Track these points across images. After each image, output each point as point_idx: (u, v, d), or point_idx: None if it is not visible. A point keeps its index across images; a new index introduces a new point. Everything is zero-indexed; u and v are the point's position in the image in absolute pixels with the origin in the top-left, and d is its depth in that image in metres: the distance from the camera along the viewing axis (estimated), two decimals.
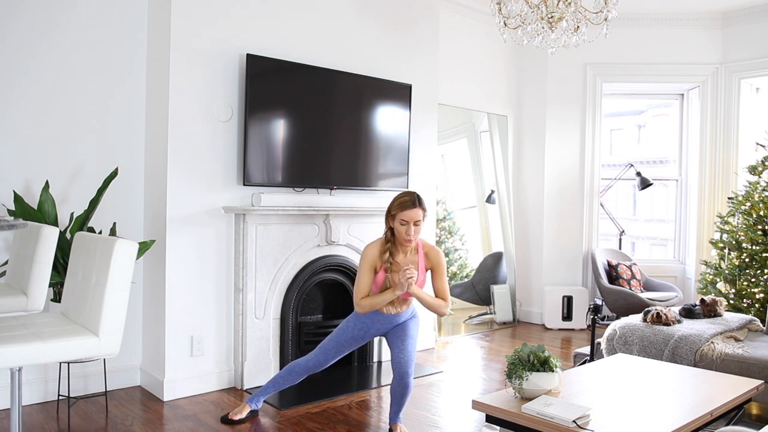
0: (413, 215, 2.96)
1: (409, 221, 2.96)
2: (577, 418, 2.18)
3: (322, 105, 4.18)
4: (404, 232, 2.97)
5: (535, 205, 6.19)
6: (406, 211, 2.96)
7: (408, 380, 3.03)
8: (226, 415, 3.31)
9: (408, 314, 3.20)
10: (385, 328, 3.17)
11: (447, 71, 5.44)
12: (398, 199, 3.03)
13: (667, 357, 3.54)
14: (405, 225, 2.97)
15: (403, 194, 3.05)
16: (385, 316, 3.12)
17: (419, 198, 3.02)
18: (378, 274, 3.05)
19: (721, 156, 5.87)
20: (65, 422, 3.23)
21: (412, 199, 2.99)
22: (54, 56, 3.55)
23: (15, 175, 3.44)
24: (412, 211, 2.95)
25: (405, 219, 2.96)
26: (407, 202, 2.97)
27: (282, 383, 3.29)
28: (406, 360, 3.03)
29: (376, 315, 3.12)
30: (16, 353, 2.01)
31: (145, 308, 3.88)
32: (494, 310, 5.97)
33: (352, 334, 3.17)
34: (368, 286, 3.05)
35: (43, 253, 2.61)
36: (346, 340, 3.18)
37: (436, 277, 3.14)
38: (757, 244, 4.90)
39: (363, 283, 3.05)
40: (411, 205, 2.96)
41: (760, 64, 5.63)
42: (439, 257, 3.13)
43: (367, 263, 3.04)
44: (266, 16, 3.98)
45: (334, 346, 3.19)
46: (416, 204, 2.97)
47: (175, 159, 3.63)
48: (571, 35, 3.51)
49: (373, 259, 3.04)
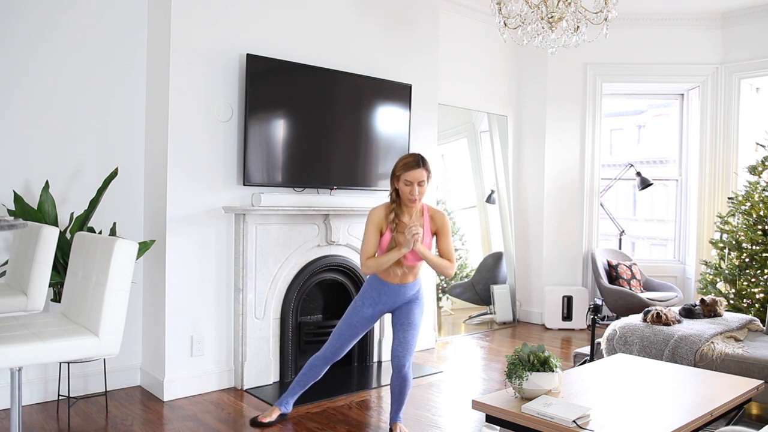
0: (417, 176, 2.96)
1: (413, 182, 2.97)
2: (577, 418, 2.18)
3: (322, 105, 4.18)
4: (408, 192, 2.98)
5: (535, 205, 6.19)
6: (410, 172, 2.96)
7: (405, 372, 3.04)
8: (255, 417, 3.30)
9: (415, 289, 3.15)
10: (393, 303, 3.12)
11: (447, 71, 5.44)
12: (402, 160, 3.04)
13: (667, 357, 3.54)
14: (409, 186, 2.98)
15: (407, 155, 3.07)
16: (392, 286, 3.09)
17: (423, 159, 3.03)
18: (384, 236, 3.04)
19: (721, 156, 5.87)
20: (65, 422, 3.23)
21: (416, 159, 3.00)
22: (54, 56, 3.55)
23: (15, 175, 3.44)
24: (416, 172, 2.96)
25: (409, 179, 2.97)
26: (411, 163, 2.98)
27: (306, 380, 3.27)
28: (404, 352, 3.04)
29: (383, 287, 3.09)
30: (16, 353, 2.01)
31: (145, 308, 3.88)
32: (494, 310, 5.97)
33: (362, 312, 3.13)
34: (374, 246, 3.04)
35: (43, 253, 2.61)
36: (358, 320, 3.14)
37: (442, 239, 3.14)
38: (757, 244, 4.90)
39: (369, 243, 3.04)
40: (415, 165, 2.97)
41: (760, 64, 5.63)
42: (444, 220, 3.15)
43: (373, 224, 3.05)
44: (266, 16, 3.98)
45: (347, 329, 3.16)
46: (420, 165, 2.99)
47: (175, 159, 3.63)
48: (571, 35, 3.51)
49: (378, 221, 3.05)
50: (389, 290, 3.10)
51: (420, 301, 3.19)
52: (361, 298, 3.16)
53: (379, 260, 3.01)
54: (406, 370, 3.05)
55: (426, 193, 3.06)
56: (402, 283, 3.10)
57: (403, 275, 3.09)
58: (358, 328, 3.16)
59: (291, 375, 4.02)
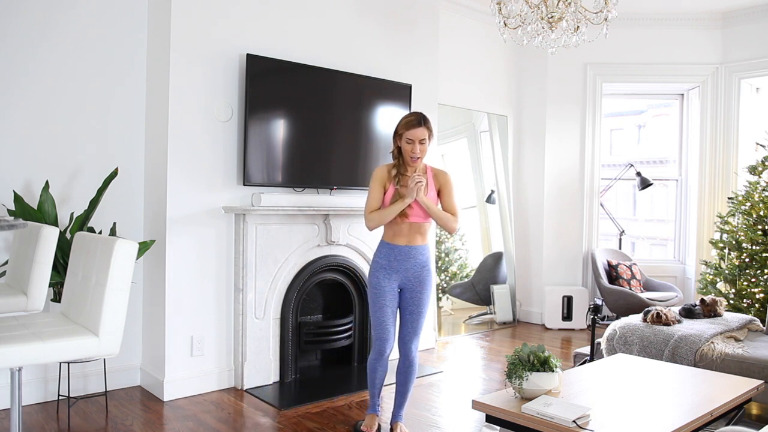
0: (419, 134, 3.01)
1: (415, 140, 3.01)
2: (577, 418, 2.18)
3: (322, 105, 4.18)
4: (410, 150, 3.02)
5: (535, 205, 6.19)
6: (411, 130, 3.01)
7: (412, 357, 3.11)
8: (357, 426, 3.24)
9: (424, 255, 3.11)
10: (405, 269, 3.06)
11: (447, 71, 5.44)
12: (405, 119, 3.08)
13: (667, 357, 3.54)
14: (411, 143, 3.02)
15: (409, 114, 3.12)
16: (401, 248, 3.05)
17: (425, 118, 3.07)
18: (387, 192, 3.07)
19: (721, 156, 5.87)
20: (65, 422, 3.23)
21: (418, 118, 3.04)
22: (54, 56, 3.55)
23: (15, 175, 3.44)
24: (417, 130, 3.01)
25: (411, 138, 3.01)
26: (413, 121, 3.03)
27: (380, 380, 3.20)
28: (412, 336, 3.12)
29: (392, 250, 3.06)
30: (16, 353, 2.01)
31: (145, 308, 3.88)
32: (494, 310, 5.97)
33: (381, 286, 3.06)
34: (378, 201, 3.07)
35: (43, 253, 2.61)
36: (382, 295, 3.07)
37: (445, 195, 3.17)
38: (757, 244, 4.90)
39: (372, 199, 3.07)
40: (417, 124, 3.02)
41: (760, 64, 5.63)
42: (447, 177, 3.20)
43: (377, 181, 3.09)
44: (266, 17, 3.98)
45: (379, 311, 3.07)
46: (422, 123, 3.03)
47: (175, 159, 3.63)
48: (571, 35, 3.52)
49: (382, 177, 3.09)
50: (399, 253, 3.07)
51: (429, 277, 3.15)
52: (374, 274, 3.09)
53: (383, 212, 3.03)
54: (413, 354, 3.10)
55: (428, 152, 3.10)
56: (410, 244, 3.08)
57: (410, 234, 3.07)
58: (387, 305, 3.08)
59: (291, 375, 4.02)
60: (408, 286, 3.10)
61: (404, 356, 3.13)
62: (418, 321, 3.14)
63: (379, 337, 3.11)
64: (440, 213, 3.09)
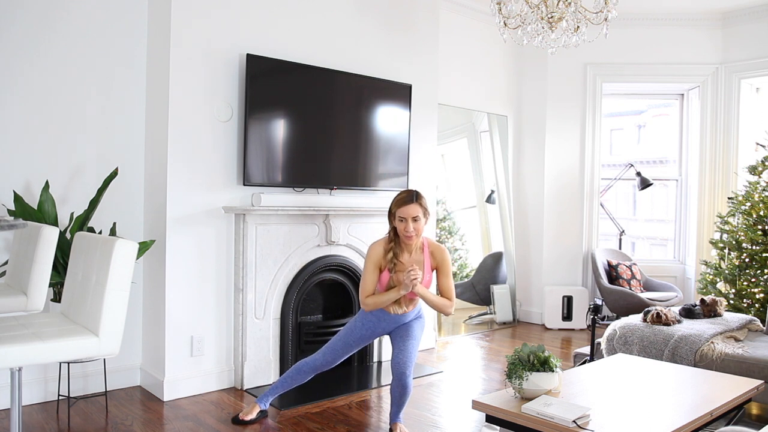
0: (411, 211, 2.98)
1: (407, 217, 2.98)
2: (577, 418, 2.18)
3: (322, 105, 4.18)
4: (403, 228, 3.00)
5: (535, 205, 6.19)
6: (403, 208, 2.99)
7: (406, 381, 3.03)
8: (236, 415, 3.31)
9: (414, 314, 3.21)
10: (391, 327, 3.19)
11: (447, 71, 5.44)
12: (397, 197, 3.08)
13: (667, 357, 3.54)
14: (403, 221, 2.99)
15: (401, 192, 3.11)
16: (391, 315, 3.14)
17: (418, 194, 3.05)
18: (383, 274, 3.07)
19: (721, 156, 5.87)
20: (65, 422, 3.23)
21: (410, 195, 3.03)
22: (54, 56, 3.55)
23: (15, 175, 3.44)
24: (409, 207, 2.98)
25: (403, 215, 2.99)
26: (404, 199, 3.02)
27: (290, 383, 3.29)
28: (405, 361, 3.04)
29: (382, 314, 3.13)
30: (16, 353, 2.01)
31: (145, 308, 3.88)
32: (494, 310, 5.97)
33: (360, 333, 3.18)
34: (373, 284, 3.07)
35: (43, 253, 2.61)
36: (354, 339, 3.19)
37: (441, 276, 3.16)
38: (757, 244, 4.90)
39: (368, 282, 3.07)
40: (408, 201, 3.00)
41: (760, 64, 5.63)
42: (444, 256, 3.15)
43: (372, 262, 3.07)
44: (266, 16, 3.98)
45: (342, 345, 3.20)
46: (413, 200, 3.01)
47: (175, 159, 3.63)
48: (571, 35, 3.51)
49: (377, 258, 3.06)
50: (389, 318, 3.16)
51: (421, 318, 3.24)
52: (360, 320, 3.19)
53: (378, 299, 3.05)
54: (407, 379, 3.03)
55: (423, 230, 3.08)
56: (402, 314, 3.17)
57: (402, 306, 3.14)
58: (352, 346, 3.21)
59: None
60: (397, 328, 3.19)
61: (398, 380, 3.03)
62: (411, 343, 3.11)
63: (325, 358, 3.19)
64: (436, 300, 3.08)
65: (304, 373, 3.26)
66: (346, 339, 3.19)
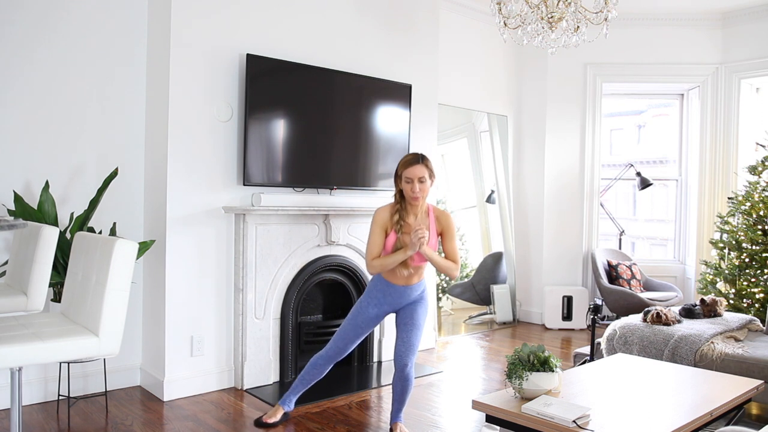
0: (417, 172, 3.01)
1: (413, 178, 3.01)
2: (577, 418, 2.18)
3: (322, 105, 4.18)
4: (410, 189, 3.02)
5: (535, 205, 6.19)
6: (409, 169, 3.02)
7: (407, 372, 3.06)
8: (259, 418, 3.29)
9: (420, 290, 3.17)
10: (398, 303, 3.14)
11: (447, 71, 5.44)
12: (403, 159, 3.10)
13: (667, 357, 3.54)
14: (410, 182, 3.02)
15: (408, 154, 3.14)
16: (397, 288, 3.11)
17: (424, 156, 3.08)
18: (389, 237, 3.07)
19: (721, 156, 5.87)
20: (65, 422, 3.23)
21: (416, 157, 3.06)
22: (54, 56, 3.55)
23: (15, 175, 3.44)
24: (415, 168, 3.01)
25: (409, 176, 3.01)
26: (411, 160, 3.04)
27: (309, 379, 3.27)
28: (407, 352, 3.06)
29: (388, 288, 3.11)
30: (16, 353, 2.01)
31: (145, 308, 3.88)
32: (494, 310, 5.97)
33: (367, 312, 3.14)
34: (379, 246, 3.07)
35: (43, 253, 2.61)
36: (362, 320, 3.15)
37: (447, 240, 3.17)
38: (757, 244, 4.90)
39: (374, 244, 3.07)
40: (415, 162, 3.03)
41: (760, 64, 5.63)
42: (449, 221, 3.18)
43: (378, 225, 3.08)
44: (266, 17, 3.98)
45: (352, 329, 3.17)
46: (420, 161, 3.04)
47: (175, 159, 3.63)
48: (571, 35, 3.51)
49: (383, 221, 3.08)
50: (394, 291, 3.12)
51: (424, 301, 3.21)
52: (366, 299, 3.17)
53: (385, 261, 3.03)
54: (409, 370, 3.07)
55: (429, 192, 3.09)
56: (407, 285, 3.12)
57: (409, 276, 3.11)
58: (362, 328, 3.17)
59: (291, 375, 4.02)
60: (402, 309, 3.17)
61: (400, 371, 3.07)
62: (414, 333, 3.11)
63: (338, 346, 3.18)
64: (442, 263, 3.09)
65: (320, 366, 3.24)
66: (355, 321, 3.16)
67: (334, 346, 3.19)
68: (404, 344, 3.08)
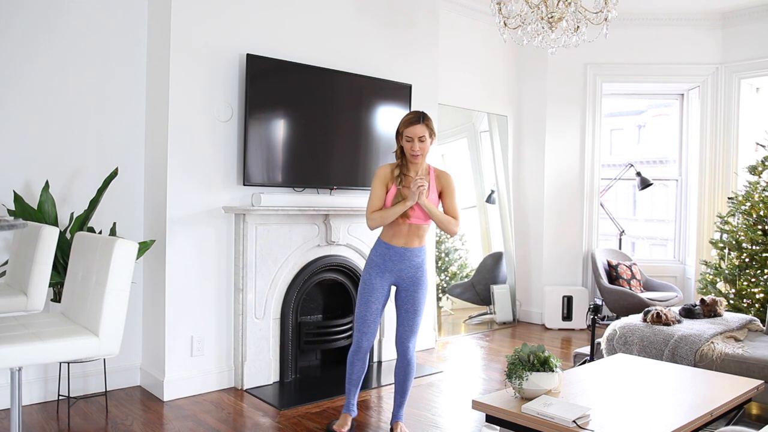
0: (418, 131, 3.04)
1: (414, 137, 3.04)
2: (577, 418, 2.18)
3: (322, 105, 4.18)
4: (410, 148, 3.06)
5: (535, 205, 6.19)
6: (410, 127, 3.05)
7: (410, 356, 3.13)
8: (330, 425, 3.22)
9: (420, 256, 3.15)
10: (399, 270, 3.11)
11: (447, 71, 5.43)
12: (405, 117, 3.13)
13: (667, 357, 3.54)
14: (410, 141, 3.06)
15: (409, 112, 3.18)
16: (397, 249, 3.09)
17: (425, 115, 3.11)
18: (389, 191, 3.10)
19: (721, 156, 5.87)
20: (65, 422, 3.23)
21: (417, 116, 3.08)
22: (54, 56, 3.55)
23: (15, 175, 3.44)
24: (417, 127, 3.04)
25: (410, 135, 3.05)
26: (412, 119, 3.08)
27: (356, 378, 3.22)
28: (408, 333, 3.14)
29: (388, 250, 3.10)
30: (16, 353, 2.01)
31: (145, 308, 3.88)
32: (494, 310, 5.97)
33: (372, 284, 3.10)
34: (380, 200, 3.09)
35: (43, 253, 2.61)
36: (370, 293, 3.10)
37: (447, 198, 3.21)
38: (757, 244, 4.90)
39: (375, 198, 3.10)
40: (416, 121, 3.06)
41: (760, 64, 5.63)
42: (449, 179, 3.23)
43: (379, 180, 3.11)
44: (266, 17, 3.98)
45: (364, 306, 3.11)
46: (421, 120, 3.07)
47: (175, 159, 3.63)
48: (571, 35, 3.52)
49: (385, 177, 3.11)
50: (394, 254, 3.10)
51: (424, 277, 3.17)
52: (367, 270, 3.14)
53: (385, 212, 3.06)
54: (411, 353, 3.13)
55: (429, 151, 3.13)
56: (407, 246, 3.10)
57: (409, 236, 3.10)
58: (373, 302, 3.11)
59: (291, 375, 4.02)
60: (403, 285, 3.14)
61: (401, 355, 3.13)
62: (414, 319, 3.14)
63: (359, 329, 3.14)
64: (441, 216, 3.11)
65: (356, 362, 3.19)
66: (364, 298, 3.11)
67: (357, 333, 3.15)
68: (405, 327, 3.14)
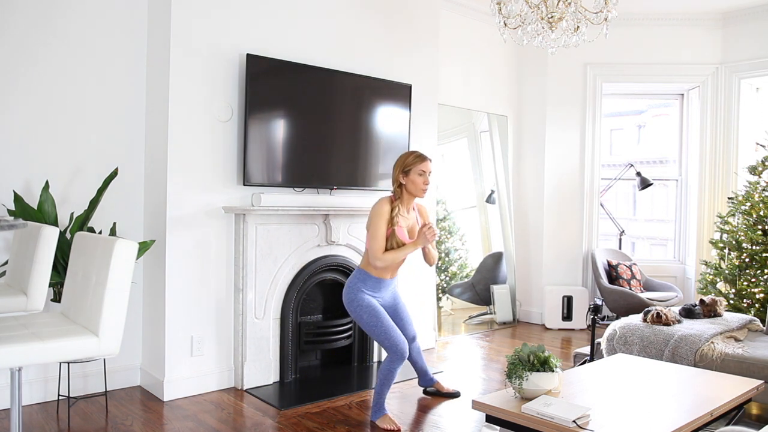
0: (429, 166, 3.30)
1: (426, 171, 3.26)
2: (577, 418, 2.18)
3: (322, 105, 4.18)
4: (422, 182, 3.25)
5: (535, 205, 6.19)
6: (424, 162, 3.28)
7: (417, 344, 3.65)
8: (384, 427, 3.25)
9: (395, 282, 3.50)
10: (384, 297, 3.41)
11: (447, 71, 5.44)
12: (411, 154, 3.33)
13: (667, 357, 3.54)
14: (423, 175, 3.25)
15: (411, 151, 3.39)
16: (386, 282, 3.37)
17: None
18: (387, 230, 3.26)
19: (721, 156, 5.87)
20: (65, 422, 3.23)
21: (423, 153, 3.33)
22: (54, 57, 3.55)
23: (15, 175, 3.44)
24: (427, 163, 3.30)
25: (423, 169, 3.26)
26: (422, 155, 3.31)
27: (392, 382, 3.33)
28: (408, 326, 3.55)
29: (379, 283, 3.34)
30: (16, 353, 2.01)
31: (145, 308, 3.88)
32: (494, 310, 5.97)
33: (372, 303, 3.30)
34: (385, 239, 3.22)
35: (43, 253, 2.61)
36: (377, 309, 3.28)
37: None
38: (757, 244, 4.90)
39: (381, 237, 3.22)
40: (425, 157, 3.31)
41: (760, 64, 5.63)
42: (427, 213, 3.56)
43: (382, 218, 3.24)
44: (266, 16, 3.98)
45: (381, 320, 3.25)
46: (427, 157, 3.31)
47: (175, 159, 3.63)
48: (571, 35, 3.51)
49: (387, 215, 3.25)
50: (385, 285, 3.39)
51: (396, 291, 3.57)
52: (362, 297, 3.30)
53: (396, 255, 3.24)
54: (417, 342, 3.64)
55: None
56: (393, 278, 3.43)
57: (396, 268, 3.40)
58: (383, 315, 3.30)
59: (291, 375, 4.02)
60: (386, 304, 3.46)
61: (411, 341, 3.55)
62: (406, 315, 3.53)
63: (396, 342, 3.25)
64: (434, 252, 3.44)
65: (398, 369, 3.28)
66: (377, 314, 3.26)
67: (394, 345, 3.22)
68: (405, 324, 3.52)
